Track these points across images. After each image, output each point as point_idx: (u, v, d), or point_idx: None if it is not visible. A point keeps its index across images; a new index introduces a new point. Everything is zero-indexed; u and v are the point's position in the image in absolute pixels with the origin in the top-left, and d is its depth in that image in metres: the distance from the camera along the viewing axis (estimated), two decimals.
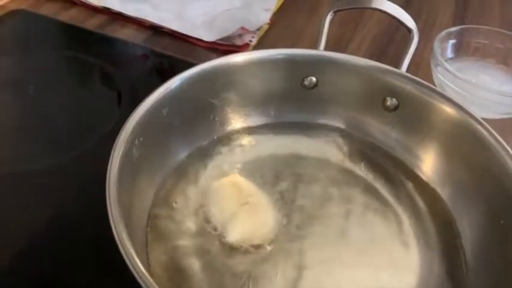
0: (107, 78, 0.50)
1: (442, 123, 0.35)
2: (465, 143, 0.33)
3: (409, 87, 0.36)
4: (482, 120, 0.33)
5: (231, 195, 0.33)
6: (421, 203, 0.35)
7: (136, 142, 0.30)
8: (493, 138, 0.32)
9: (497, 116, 0.46)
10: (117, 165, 0.27)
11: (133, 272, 0.23)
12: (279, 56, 0.37)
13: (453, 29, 0.48)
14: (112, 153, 0.28)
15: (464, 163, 0.34)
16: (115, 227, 0.24)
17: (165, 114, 0.33)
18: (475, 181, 0.33)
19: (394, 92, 0.37)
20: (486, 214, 0.31)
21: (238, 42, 0.53)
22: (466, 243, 0.32)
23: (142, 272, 0.23)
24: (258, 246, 0.31)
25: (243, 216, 0.32)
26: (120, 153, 0.28)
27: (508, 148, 0.31)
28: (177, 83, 0.34)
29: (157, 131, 0.33)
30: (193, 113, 0.36)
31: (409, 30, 0.38)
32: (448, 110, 0.34)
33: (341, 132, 0.39)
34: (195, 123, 0.36)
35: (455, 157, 0.35)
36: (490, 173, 0.32)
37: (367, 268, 0.31)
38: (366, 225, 0.33)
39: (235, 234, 0.31)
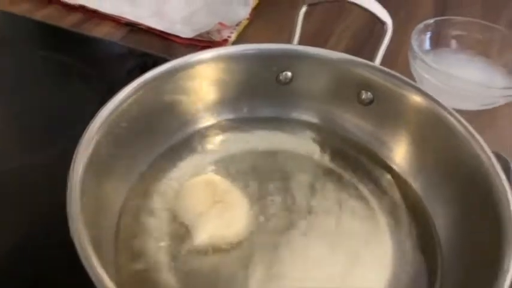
0: (83, 78, 0.50)
1: (413, 114, 0.35)
2: (436, 134, 0.33)
3: (382, 80, 0.36)
4: (452, 110, 0.33)
5: (203, 194, 0.32)
6: (395, 195, 0.35)
7: (104, 142, 0.30)
8: (463, 127, 0.32)
9: (477, 108, 0.46)
10: (80, 167, 0.27)
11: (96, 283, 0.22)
12: (250, 52, 0.37)
13: (430, 20, 0.48)
14: (75, 154, 0.27)
15: (435, 153, 0.34)
16: (75, 234, 0.24)
17: (133, 112, 0.33)
18: (446, 171, 0.33)
19: (368, 86, 0.37)
20: (458, 204, 0.31)
21: (217, 38, 0.53)
22: (440, 233, 0.32)
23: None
24: (231, 244, 0.31)
25: (213, 215, 0.31)
26: (86, 153, 0.28)
27: (478, 137, 0.31)
28: (148, 80, 0.33)
29: (127, 129, 0.32)
30: (163, 111, 0.35)
31: (383, 23, 0.38)
32: (420, 100, 0.34)
33: (316, 127, 0.39)
34: (166, 122, 0.35)
35: (426, 148, 0.34)
36: (460, 162, 0.31)
37: (342, 264, 0.31)
38: (342, 220, 0.33)
39: (202, 235, 0.30)
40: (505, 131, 0.46)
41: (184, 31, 0.53)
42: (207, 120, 0.38)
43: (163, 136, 0.36)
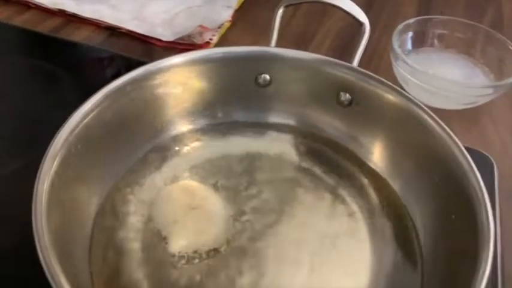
0: (62, 83, 0.49)
1: (391, 114, 0.35)
2: (412, 133, 0.33)
3: (360, 81, 0.35)
4: (427, 109, 0.33)
5: (179, 201, 0.32)
6: (374, 195, 0.34)
7: (73, 150, 0.29)
8: (438, 126, 0.32)
9: (459, 107, 0.46)
10: (46, 177, 0.26)
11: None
12: (227, 55, 0.36)
13: (411, 20, 0.48)
14: (41, 163, 0.27)
15: (412, 152, 0.34)
16: (41, 250, 0.23)
17: (106, 119, 0.32)
18: (422, 169, 0.33)
19: (347, 87, 0.36)
20: (435, 200, 0.31)
21: (199, 40, 0.52)
22: (420, 233, 0.32)
23: None
24: (209, 251, 0.30)
25: (188, 222, 0.30)
26: (53, 163, 0.27)
27: (452, 134, 0.31)
28: (120, 85, 0.33)
29: (98, 137, 0.32)
30: (138, 116, 0.34)
31: (361, 24, 0.38)
32: (397, 100, 0.34)
33: (294, 130, 0.38)
34: (141, 127, 0.35)
35: (404, 147, 0.34)
36: (436, 160, 0.31)
37: (320, 267, 0.30)
38: (320, 222, 0.33)
39: (177, 243, 0.30)
40: (487, 130, 0.46)
41: (165, 34, 0.52)
42: (183, 126, 0.37)
43: (139, 142, 0.35)
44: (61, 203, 0.27)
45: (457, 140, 0.30)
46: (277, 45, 0.39)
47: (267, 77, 0.38)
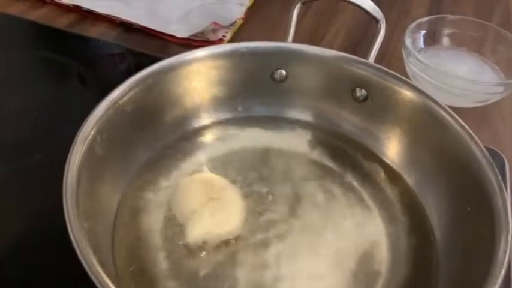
0: (78, 78, 0.50)
1: (407, 110, 0.35)
2: (428, 128, 0.34)
3: (376, 77, 0.36)
4: (444, 105, 0.33)
5: (198, 192, 0.32)
6: (389, 189, 0.35)
7: (98, 139, 0.30)
8: (455, 121, 0.32)
9: (471, 105, 0.46)
10: (76, 163, 0.27)
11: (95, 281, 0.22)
12: (244, 50, 0.37)
13: (424, 19, 0.48)
14: (71, 149, 0.27)
15: (428, 148, 0.34)
16: (71, 228, 0.24)
17: (129, 110, 0.33)
18: (438, 164, 0.33)
19: (363, 83, 0.37)
20: (451, 195, 0.32)
21: (212, 37, 0.53)
22: (434, 226, 0.32)
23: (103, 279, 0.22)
24: (226, 241, 0.31)
25: (206, 213, 0.31)
26: (81, 150, 0.28)
27: (470, 130, 0.31)
28: (142, 78, 0.33)
29: (122, 127, 0.32)
30: (159, 109, 0.35)
31: (376, 21, 0.38)
32: (413, 96, 0.35)
33: (310, 125, 0.39)
34: (161, 120, 0.36)
35: (419, 142, 0.35)
36: (452, 155, 0.32)
37: (338, 254, 0.31)
38: (336, 215, 0.33)
39: (194, 234, 0.30)
40: (498, 128, 0.46)
41: (180, 31, 0.53)
42: (202, 119, 0.38)
43: (160, 134, 0.36)
44: (87, 190, 0.27)
45: (472, 133, 0.31)
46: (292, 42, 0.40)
47: (283, 72, 0.39)
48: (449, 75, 0.44)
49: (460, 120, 0.32)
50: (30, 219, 0.33)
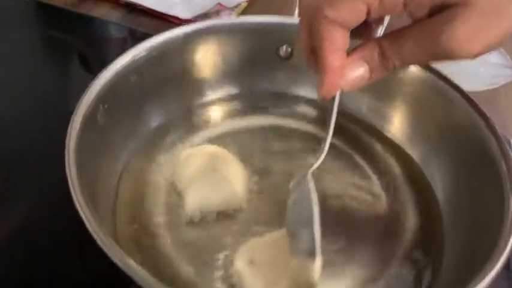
0: (81, 57, 0.49)
1: (411, 84, 0.35)
2: (433, 101, 0.33)
3: None
4: (448, 77, 0.33)
5: (200, 163, 0.32)
6: (393, 164, 0.35)
7: (101, 108, 0.29)
8: (460, 93, 0.32)
9: (479, 88, 0.46)
10: (77, 129, 0.26)
11: (99, 243, 0.22)
12: (250, 24, 0.36)
13: None
14: (73, 117, 0.27)
15: (432, 120, 0.34)
16: (74, 191, 0.23)
17: (132, 81, 0.32)
18: (442, 136, 0.33)
19: None
20: (457, 170, 0.31)
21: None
22: (439, 196, 0.32)
23: (107, 241, 0.22)
24: (225, 212, 0.31)
25: (205, 183, 0.30)
26: (82, 117, 0.27)
27: (475, 101, 0.31)
28: (145, 50, 0.33)
29: (125, 99, 0.32)
30: (163, 83, 0.35)
31: None
32: (417, 71, 0.34)
33: (316, 102, 0.38)
34: (166, 93, 0.35)
35: (423, 116, 0.34)
36: (456, 127, 0.32)
37: (337, 236, 0.30)
38: (339, 188, 0.33)
39: (191, 202, 0.30)
40: (505, 112, 0.46)
41: (184, 12, 0.52)
42: (207, 95, 0.38)
43: (163, 108, 0.35)
44: (89, 157, 0.27)
45: (480, 106, 0.31)
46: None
47: (289, 48, 0.38)
48: None
49: (466, 92, 0.31)
50: (35, 191, 0.33)
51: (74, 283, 0.28)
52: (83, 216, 0.22)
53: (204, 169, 0.31)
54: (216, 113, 0.38)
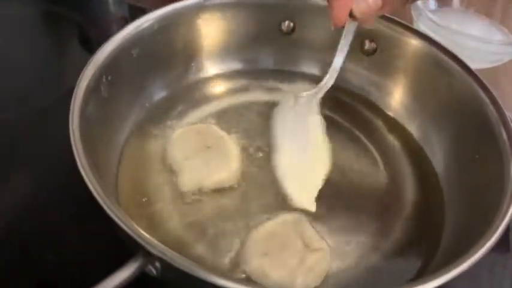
0: (81, 32, 0.49)
1: (414, 60, 0.35)
2: (435, 75, 0.34)
3: (386, 28, 0.36)
4: (451, 50, 0.33)
5: (193, 141, 0.32)
6: (394, 142, 0.35)
7: (104, 80, 0.29)
8: (461, 65, 0.32)
9: (482, 65, 0.46)
10: (81, 98, 0.27)
11: (104, 206, 0.22)
12: (252, 0, 0.36)
13: None
14: (76, 87, 0.27)
15: (433, 94, 0.34)
16: (78, 155, 0.23)
17: (135, 55, 0.32)
18: (443, 110, 0.33)
19: (372, 35, 0.36)
20: (458, 144, 0.32)
21: None
22: (438, 169, 0.33)
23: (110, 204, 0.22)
24: (220, 191, 0.31)
25: (199, 160, 0.30)
26: (85, 86, 0.28)
27: (478, 75, 0.31)
28: (148, 23, 0.33)
29: (128, 72, 0.32)
30: (165, 57, 0.35)
31: None
32: (420, 44, 0.34)
33: (318, 78, 0.38)
34: (168, 67, 0.35)
35: (424, 90, 0.35)
36: (457, 100, 0.32)
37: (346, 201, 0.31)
38: (339, 159, 0.33)
39: (186, 181, 0.30)
40: (505, 91, 0.46)
41: None
42: (209, 70, 0.37)
43: (165, 82, 0.35)
44: (94, 122, 0.27)
45: (481, 78, 0.31)
46: None
47: (291, 24, 0.38)
48: (459, 33, 0.43)
49: (468, 66, 0.31)
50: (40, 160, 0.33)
51: (80, 251, 0.29)
52: (88, 182, 0.22)
53: (197, 147, 0.31)
54: (217, 88, 0.37)
